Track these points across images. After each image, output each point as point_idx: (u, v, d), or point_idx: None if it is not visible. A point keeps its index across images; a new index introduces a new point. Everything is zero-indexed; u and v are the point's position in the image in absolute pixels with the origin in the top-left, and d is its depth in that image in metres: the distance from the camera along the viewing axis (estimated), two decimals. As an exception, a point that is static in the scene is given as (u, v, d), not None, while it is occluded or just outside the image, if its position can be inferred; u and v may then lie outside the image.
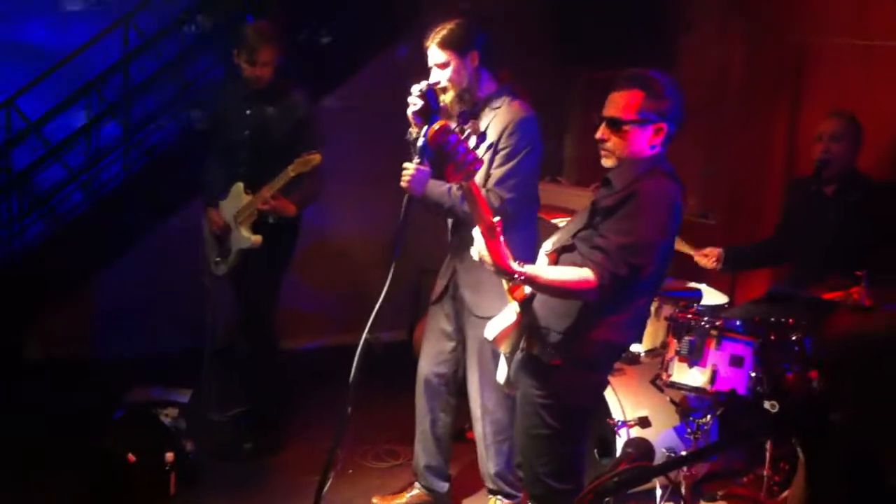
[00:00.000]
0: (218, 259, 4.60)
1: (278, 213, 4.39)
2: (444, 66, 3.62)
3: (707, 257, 4.64)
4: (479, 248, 2.95)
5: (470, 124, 3.14)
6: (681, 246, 4.71)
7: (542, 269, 3.02)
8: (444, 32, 3.61)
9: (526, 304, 3.10)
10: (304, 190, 4.42)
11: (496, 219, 2.87)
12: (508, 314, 3.19)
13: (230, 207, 4.50)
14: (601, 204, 3.03)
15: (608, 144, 3.07)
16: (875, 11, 4.88)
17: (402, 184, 3.50)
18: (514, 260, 2.89)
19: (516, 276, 2.88)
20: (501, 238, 2.87)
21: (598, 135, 3.08)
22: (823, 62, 5.12)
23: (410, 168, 3.51)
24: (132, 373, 4.95)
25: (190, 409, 4.43)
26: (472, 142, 2.82)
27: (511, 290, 3.09)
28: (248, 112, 4.49)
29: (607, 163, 3.09)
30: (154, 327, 5.59)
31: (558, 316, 3.06)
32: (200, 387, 4.67)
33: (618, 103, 3.04)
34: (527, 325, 3.12)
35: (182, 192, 5.45)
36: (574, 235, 3.09)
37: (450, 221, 3.73)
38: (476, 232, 2.94)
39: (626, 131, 3.02)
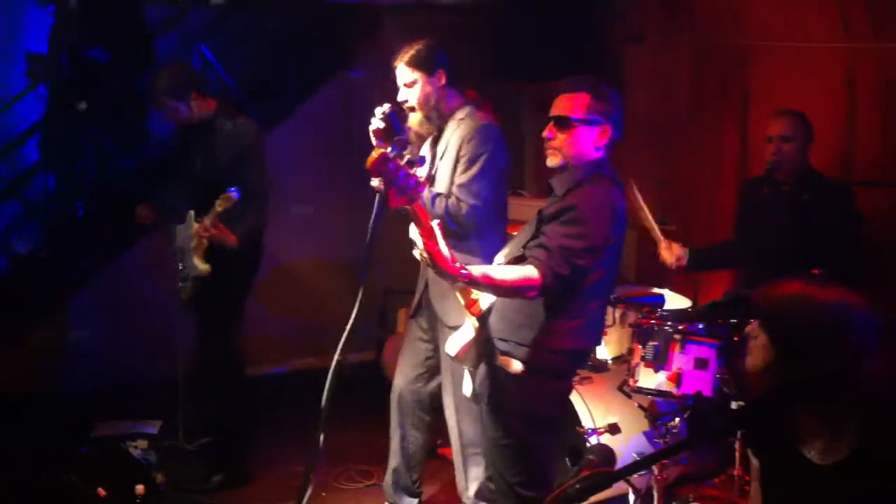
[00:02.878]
0: (180, 285, 4.59)
1: (219, 243, 4.35)
2: (412, 84, 3.70)
3: (671, 252, 4.65)
4: (420, 251, 2.97)
5: (408, 150, 3.21)
6: (650, 224, 4.72)
7: (486, 268, 3.06)
8: (412, 52, 3.69)
9: (483, 318, 3.17)
10: (246, 221, 4.39)
11: (435, 222, 2.90)
12: (468, 330, 3.23)
13: (184, 235, 4.50)
14: (546, 212, 3.10)
15: (555, 143, 3.14)
16: (812, 14, 4.98)
17: (373, 183, 3.53)
18: (456, 262, 2.92)
19: (459, 277, 2.91)
20: (441, 241, 2.90)
21: (545, 132, 3.15)
22: (767, 65, 5.22)
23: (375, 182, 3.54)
24: (98, 406, 4.89)
25: (160, 440, 4.39)
26: (415, 169, 2.90)
27: (468, 306, 3.15)
28: (195, 141, 4.51)
29: (552, 161, 3.16)
30: (118, 359, 5.52)
31: (515, 327, 3.12)
32: (173, 417, 4.63)
33: (566, 104, 3.13)
34: (486, 339, 3.17)
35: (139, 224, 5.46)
36: (524, 246, 3.14)
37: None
38: (416, 234, 2.95)
39: (574, 130, 3.11)
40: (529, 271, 2.97)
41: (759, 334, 2.28)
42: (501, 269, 3.08)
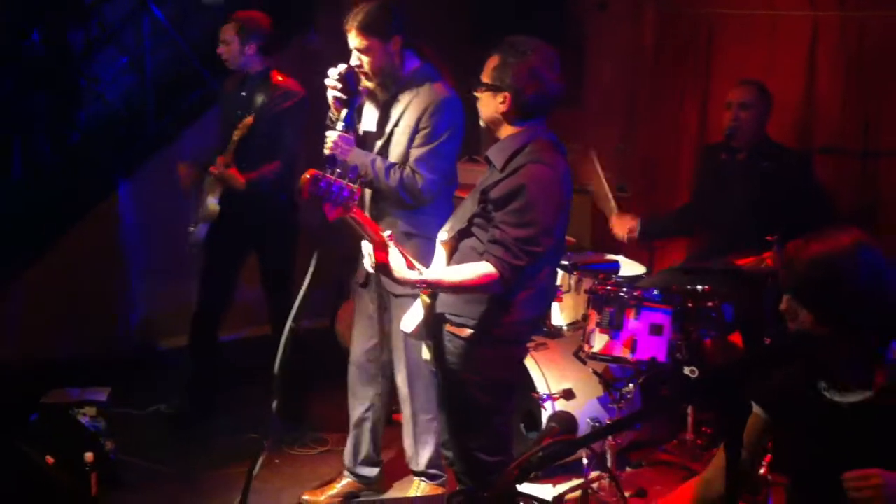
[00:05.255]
0: (190, 229, 4.64)
1: (228, 183, 4.45)
2: (365, 51, 3.55)
3: (623, 224, 4.66)
4: (372, 263, 2.99)
5: (339, 164, 3.19)
6: (605, 199, 4.72)
7: (443, 271, 3.05)
8: (362, 17, 3.51)
9: (434, 294, 3.14)
10: (263, 170, 4.49)
11: (387, 233, 2.91)
12: (419, 307, 3.21)
13: (208, 176, 4.59)
14: (491, 194, 3.02)
15: (479, 104, 3.12)
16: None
17: (326, 151, 3.50)
18: (414, 268, 2.93)
19: (418, 284, 2.93)
20: (395, 250, 2.92)
21: (476, 93, 3.12)
22: (731, 33, 5.21)
23: (333, 135, 3.50)
24: (47, 375, 4.82)
25: (109, 407, 4.33)
26: (348, 179, 2.91)
27: None
28: (242, 94, 4.58)
29: (481, 122, 3.16)
30: (67, 329, 5.46)
31: (465, 302, 3.09)
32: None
33: (485, 65, 3.07)
34: (439, 314, 3.15)
35: (93, 193, 5.44)
36: (470, 220, 3.11)
37: (368, 197, 3.69)
38: (367, 247, 2.97)
39: (481, 93, 3.08)
40: (486, 269, 2.94)
41: (798, 310, 2.23)
42: (458, 270, 3.04)
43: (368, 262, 3.05)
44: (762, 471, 3.72)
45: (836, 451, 2.25)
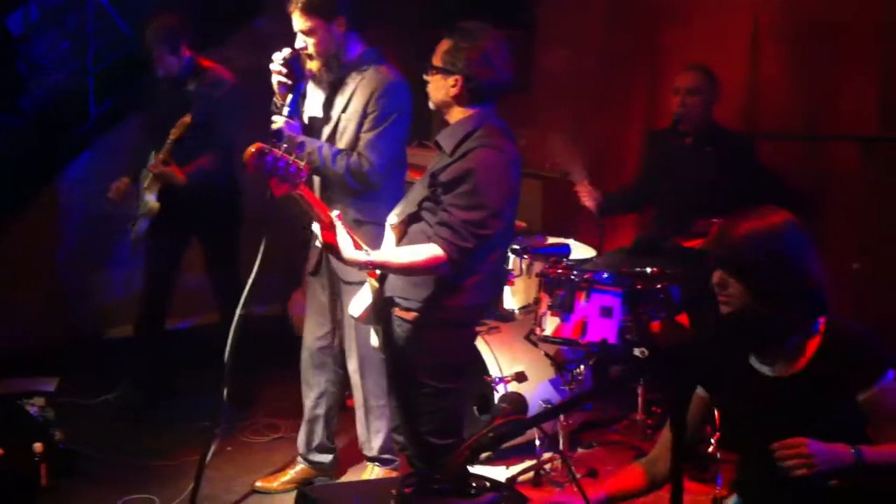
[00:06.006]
0: (130, 226, 4.64)
1: (168, 181, 4.45)
2: (309, 33, 3.52)
3: (590, 193, 4.69)
4: (322, 243, 2.98)
5: (286, 138, 3.16)
6: (568, 166, 4.75)
7: (391, 253, 3.05)
8: None
9: (382, 278, 3.15)
10: (201, 163, 4.49)
11: (335, 213, 2.89)
12: (367, 291, 3.21)
13: (145, 173, 4.59)
14: (440, 178, 3.03)
15: (429, 87, 3.13)
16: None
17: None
18: (361, 249, 2.92)
19: (366, 265, 2.92)
20: (342, 231, 2.90)
21: (426, 76, 3.13)
22: (677, 19, 5.27)
23: (280, 121, 3.47)
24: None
25: (57, 397, 4.28)
26: (295, 155, 2.88)
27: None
28: (175, 88, 4.57)
29: (431, 105, 3.16)
30: (13, 318, 5.37)
31: (414, 286, 3.10)
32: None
33: (437, 49, 3.08)
34: (386, 298, 3.15)
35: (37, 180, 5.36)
36: (420, 204, 3.11)
37: (317, 183, 3.67)
38: (316, 228, 2.95)
39: (432, 77, 3.08)
40: (434, 250, 2.94)
41: (728, 281, 2.30)
42: (406, 251, 3.04)
43: (318, 242, 3.03)
44: (710, 449, 3.81)
45: (774, 424, 2.32)
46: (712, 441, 3.78)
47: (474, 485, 2.40)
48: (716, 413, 2.53)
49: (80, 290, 5.74)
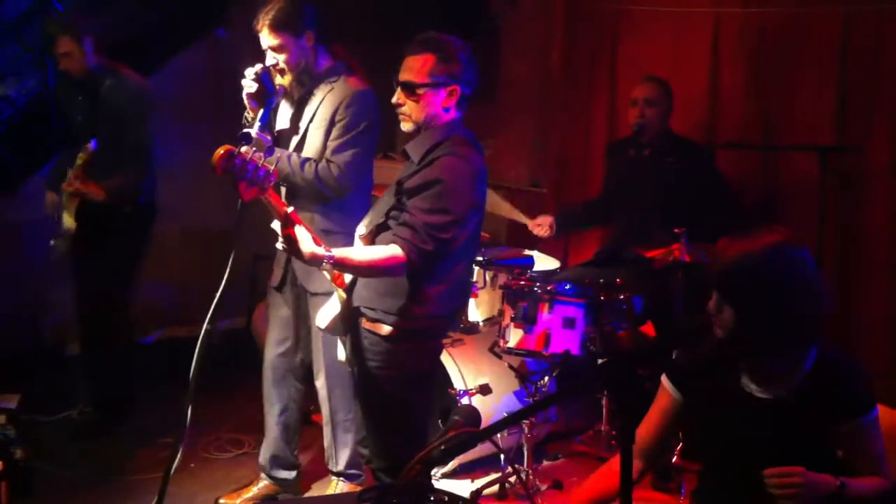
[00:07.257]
0: (52, 243, 4.53)
1: (87, 198, 4.36)
2: (279, 49, 3.53)
3: (541, 227, 4.80)
4: (282, 242, 2.94)
5: (254, 141, 3.15)
6: (517, 216, 4.86)
7: (351, 250, 3.04)
8: (274, 14, 3.49)
9: (349, 288, 3.15)
10: (118, 176, 4.40)
11: (290, 209, 2.87)
12: (334, 302, 3.21)
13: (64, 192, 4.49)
14: (406, 184, 3.05)
15: (404, 109, 3.11)
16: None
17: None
18: (320, 245, 2.90)
19: (325, 261, 2.90)
20: (300, 228, 2.88)
21: (394, 99, 3.12)
22: (637, 29, 5.31)
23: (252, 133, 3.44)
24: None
25: (18, 414, 4.22)
26: (264, 159, 2.87)
27: (334, 279, 3.14)
28: (80, 98, 4.48)
29: (405, 127, 3.15)
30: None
31: (381, 296, 3.10)
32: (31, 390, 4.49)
33: (412, 67, 3.07)
34: (353, 308, 3.15)
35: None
36: (387, 214, 3.12)
37: (284, 194, 3.66)
38: (276, 226, 2.93)
39: (420, 95, 3.07)
40: (394, 250, 2.95)
41: (723, 306, 2.30)
42: (366, 250, 3.05)
43: (279, 244, 2.98)
44: (674, 458, 3.84)
45: (749, 442, 2.34)
46: (676, 451, 3.85)
47: (432, 498, 2.39)
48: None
49: (42, 305, 5.66)
